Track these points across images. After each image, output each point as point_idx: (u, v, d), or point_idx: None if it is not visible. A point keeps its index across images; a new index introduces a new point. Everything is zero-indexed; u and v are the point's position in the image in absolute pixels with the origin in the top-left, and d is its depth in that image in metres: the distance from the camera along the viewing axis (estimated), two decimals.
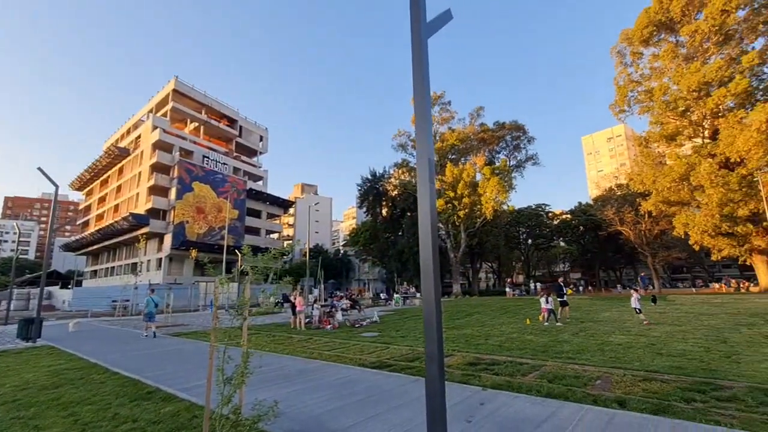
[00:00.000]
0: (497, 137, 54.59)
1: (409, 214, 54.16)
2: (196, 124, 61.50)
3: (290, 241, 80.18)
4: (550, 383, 6.30)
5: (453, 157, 52.02)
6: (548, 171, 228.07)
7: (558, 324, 14.30)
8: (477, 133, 53.51)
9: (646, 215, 44.46)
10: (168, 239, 49.59)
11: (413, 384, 6.53)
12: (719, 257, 37.15)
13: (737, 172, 32.27)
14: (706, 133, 36.39)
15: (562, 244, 69.45)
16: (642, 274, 57.21)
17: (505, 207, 49.28)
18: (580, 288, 53.69)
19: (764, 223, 30.26)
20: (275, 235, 70.69)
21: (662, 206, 38.12)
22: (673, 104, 35.91)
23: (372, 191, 54.70)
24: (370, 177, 55.37)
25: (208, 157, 55.86)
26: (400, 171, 56.22)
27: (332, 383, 6.77)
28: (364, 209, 57.92)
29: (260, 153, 71.27)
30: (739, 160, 32.72)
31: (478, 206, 45.02)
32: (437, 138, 51.93)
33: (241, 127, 67.01)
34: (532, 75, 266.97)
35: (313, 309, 18.82)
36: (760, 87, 33.47)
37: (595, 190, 75.19)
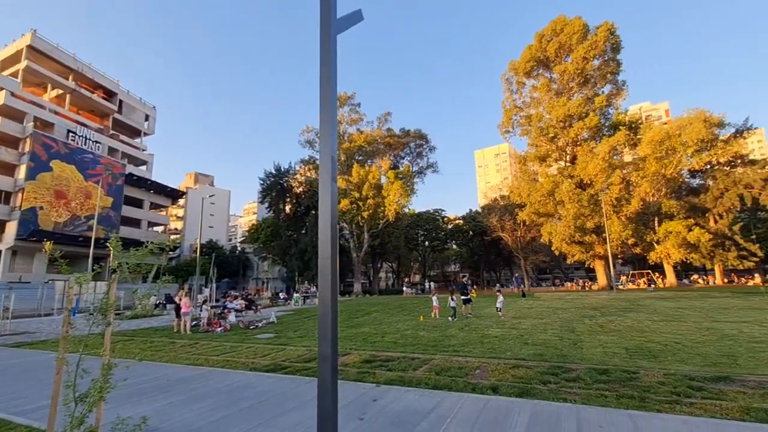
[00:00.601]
0: (402, 143, 57.21)
1: (313, 212, 53.22)
2: (61, 91, 51.02)
3: (177, 236, 71.88)
4: (437, 375, 6.79)
5: (360, 158, 52.86)
6: (445, 179, 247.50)
7: (452, 320, 15.52)
8: (384, 137, 55.31)
9: (522, 224, 51.24)
10: (12, 227, 40.06)
11: (308, 385, 6.39)
12: (572, 261, 45.01)
13: (587, 192, 39.33)
14: (568, 157, 43.54)
15: (454, 246, 76.10)
16: (516, 274, 65.85)
17: (406, 210, 51.95)
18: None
19: (603, 234, 37.49)
20: (160, 228, 62.60)
21: (534, 216, 44.38)
22: (545, 131, 42.17)
23: (276, 186, 52.32)
24: (274, 172, 52.88)
25: (74, 133, 46.71)
26: (306, 168, 55.02)
27: (219, 391, 6.24)
28: (267, 205, 55.08)
29: (145, 134, 62.32)
30: (589, 182, 40.02)
31: (382, 208, 46.55)
32: (345, 138, 52.23)
33: (121, 101, 57.65)
34: (438, 88, 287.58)
35: (201, 310, 17.14)
36: (606, 124, 41.39)
37: (483, 200, 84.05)
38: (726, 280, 44.01)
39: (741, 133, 40.54)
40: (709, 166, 42.02)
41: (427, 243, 70.98)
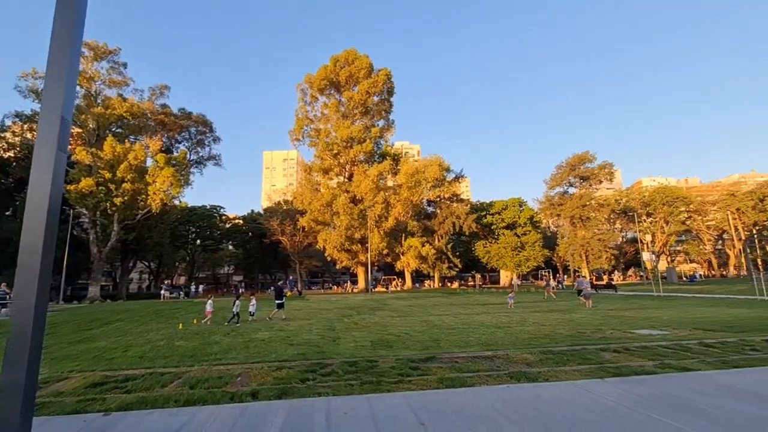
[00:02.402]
0: (180, 125, 49.81)
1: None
2: None
3: None
4: (191, 390, 6.09)
5: (118, 131, 42.51)
6: (229, 174, 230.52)
7: (235, 324, 14.51)
8: (157, 113, 46.63)
9: (301, 229, 53.48)
10: None
11: None
12: (341, 266, 50.33)
13: (359, 207, 45.13)
14: (347, 174, 48.84)
15: (230, 247, 71.23)
16: (291, 277, 67.79)
17: (177, 202, 45.12)
18: (240, 290, 56.56)
19: (366, 245, 43.82)
20: None
21: (313, 224, 47.18)
22: (331, 146, 46.00)
23: None
24: None
25: None
26: (25, 126, 39.63)
27: None
28: None
29: None
30: (360, 198, 46.04)
31: (144, 196, 38.70)
32: (99, 101, 40.97)
33: None
34: (241, 78, 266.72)
35: None
36: (378, 152, 48.97)
37: (267, 202, 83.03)
38: (440, 285, 59.45)
39: (458, 178, 56.36)
40: (439, 199, 56.14)
41: (199, 241, 63.56)
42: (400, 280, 57.44)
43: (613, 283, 45.59)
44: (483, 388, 5.66)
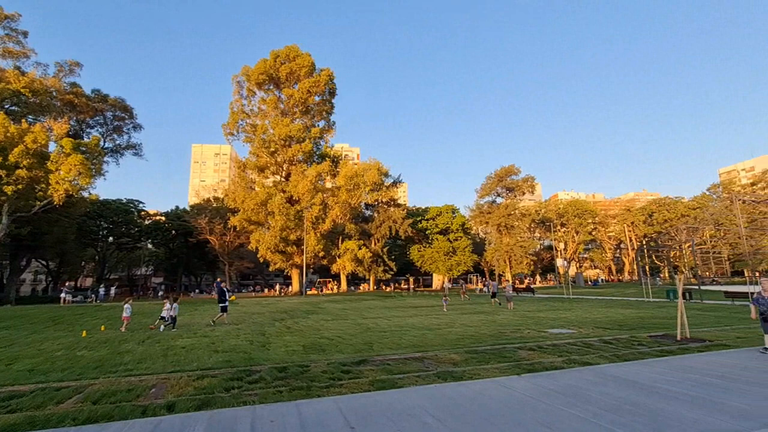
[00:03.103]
0: (94, 109, 44.49)
1: None
2: None
3: None
4: (94, 405, 5.45)
5: (13, 108, 36.72)
6: (151, 167, 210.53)
7: (168, 330, 13.28)
8: (64, 92, 41.16)
9: (232, 229, 50.66)
10: None
11: None
12: (274, 268, 48.53)
13: (295, 207, 44.00)
14: (284, 173, 47.42)
15: (150, 246, 64.90)
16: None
17: (85, 194, 40.01)
18: (159, 293, 51.76)
19: (302, 246, 42.82)
20: None
21: (246, 223, 44.96)
22: (267, 144, 44.34)
23: None
24: None
25: None
26: None
27: None
28: None
29: None
30: (297, 198, 44.92)
31: (44, 185, 33.78)
32: None
33: None
34: (166, 65, 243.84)
35: None
36: (317, 152, 48.27)
37: (195, 198, 77.28)
38: (375, 288, 60.09)
39: (396, 183, 57.62)
40: (376, 203, 56.83)
41: (111, 239, 56.95)
42: (335, 282, 56.97)
43: (532, 286, 49.80)
44: (411, 389, 5.85)
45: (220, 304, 15.38)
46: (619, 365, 7.27)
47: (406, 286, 62.54)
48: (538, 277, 78.32)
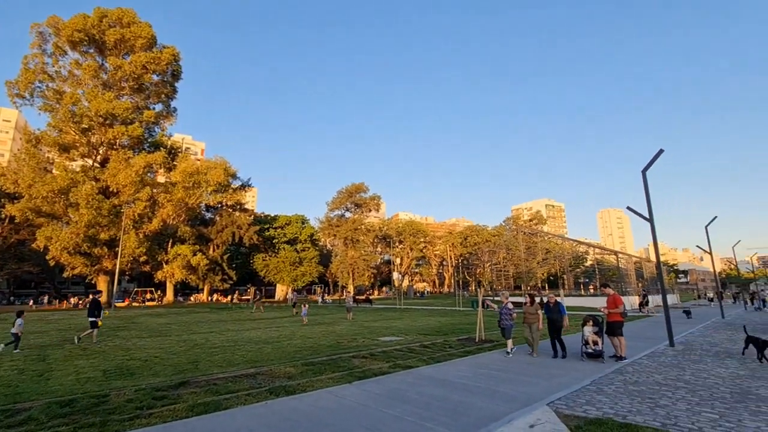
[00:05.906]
0: None
1: None
2: None
3: None
4: None
5: None
6: None
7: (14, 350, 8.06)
8: None
9: (8, 219, 38.09)
10: None
11: None
12: (71, 274, 38.19)
13: (111, 201, 36.22)
14: (99, 158, 38.68)
15: None
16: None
17: None
18: None
19: (116, 249, 35.29)
20: None
21: (32, 214, 34.51)
22: (78, 118, 35.52)
23: None
24: None
25: None
26: None
27: None
28: None
29: None
30: (116, 191, 37.13)
31: None
32: None
33: None
34: None
35: None
36: (149, 140, 41.26)
37: None
38: (209, 299, 54.06)
39: (244, 187, 53.88)
40: (220, 205, 51.83)
41: None
42: (159, 292, 48.68)
43: (371, 297, 53.36)
44: (239, 409, 5.47)
45: (90, 318, 12.82)
46: (433, 366, 8.47)
47: (251, 296, 58.33)
48: (377, 290, 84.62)
